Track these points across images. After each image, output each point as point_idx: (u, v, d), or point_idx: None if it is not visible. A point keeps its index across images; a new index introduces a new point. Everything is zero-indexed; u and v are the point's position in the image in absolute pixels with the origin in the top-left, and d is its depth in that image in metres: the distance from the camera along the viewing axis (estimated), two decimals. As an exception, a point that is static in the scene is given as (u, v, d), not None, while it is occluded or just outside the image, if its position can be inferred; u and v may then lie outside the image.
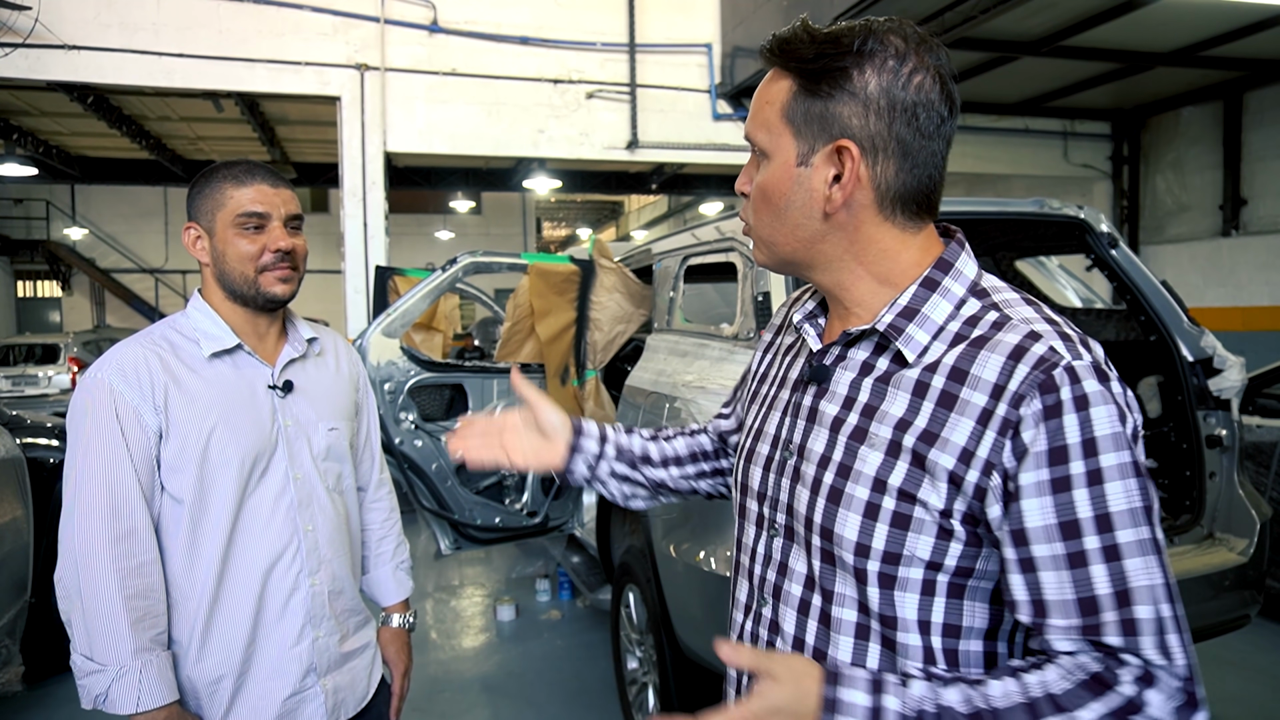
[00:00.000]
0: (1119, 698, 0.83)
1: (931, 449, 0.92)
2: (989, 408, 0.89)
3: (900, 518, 0.93)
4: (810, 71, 0.95)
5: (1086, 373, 0.88)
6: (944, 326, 0.97)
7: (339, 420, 1.68)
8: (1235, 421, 2.93)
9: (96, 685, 1.38)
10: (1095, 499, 0.86)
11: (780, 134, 0.98)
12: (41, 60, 7.56)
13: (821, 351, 1.06)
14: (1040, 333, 0.91)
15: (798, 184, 0.98)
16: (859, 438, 0.98)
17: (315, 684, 1.58)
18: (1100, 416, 0.87)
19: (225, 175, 1.53)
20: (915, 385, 0.96)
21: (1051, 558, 0.87)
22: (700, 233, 3.39)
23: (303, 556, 1.57)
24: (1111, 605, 0.85)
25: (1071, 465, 0.86)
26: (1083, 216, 3.04)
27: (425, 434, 3.96)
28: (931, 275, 0.99)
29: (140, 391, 1.46)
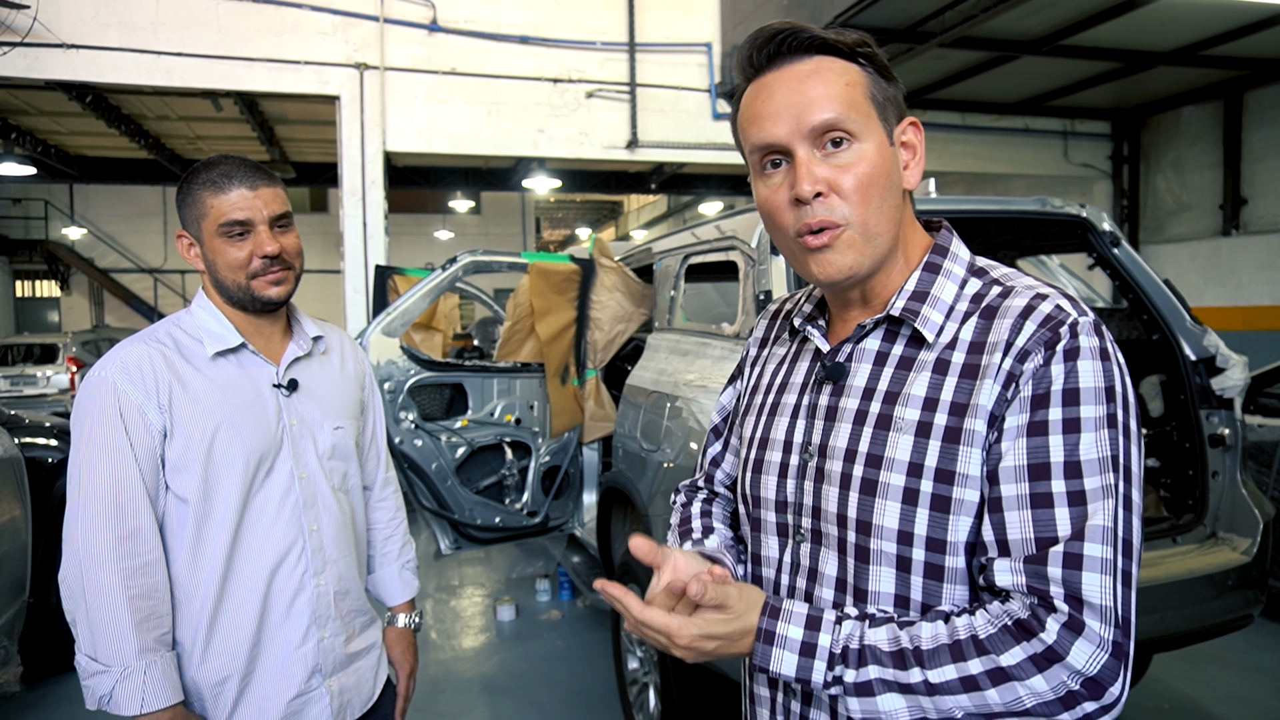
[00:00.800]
0: (1040, 644, 0.85)
1: (965, 419, 0.92)
2: (999, 364, 0.92)
3: (940, 500, 0.93)
4: (876, 59, 0.99)
5: (1087, 329, 0.91)
6: (953, 306, 0.99)
7: (344, 419, 1.67)
8: (1238, 420, 2.93)
9: (101, 686, 1.37)
10: (1069, 446, 0.88)
11: (869, 115, 0.97)
12: (40, 59, 7.54)
13: (833, 350, 1.05)
14: (1046, 294, 0.95)
15: (892, 163, 0.98)
16: (885, 425, 0.97)
17: (320, 685, 1.57)
18: (1087, 369, 0.89)
19: (204, 182, 1.49)
20: (936, 364, 0.96)
21: (1017, 497, 0.89)
22: (701, 231, 3.38)
23: (308, 556, 1.56)
24: (1060, 543, 0.87)
25: (1050, 411, 0.89)
26: (1085, 215, 3.04)
27: (425, 433, 3.95)
28: (931, 260, 1.02)
29: (144, 390, 1.44)
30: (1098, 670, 0.84)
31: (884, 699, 0.89)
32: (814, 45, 0.97)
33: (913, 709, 0.89)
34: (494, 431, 4.14)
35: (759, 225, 2.82)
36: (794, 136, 0.96)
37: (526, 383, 4.22)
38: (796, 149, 0.96)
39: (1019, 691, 0.85)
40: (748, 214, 3.02)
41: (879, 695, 0.89)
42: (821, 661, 0.91)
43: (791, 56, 0.98)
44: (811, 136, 0.95)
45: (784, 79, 0.97)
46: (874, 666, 0.89)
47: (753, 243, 2.85)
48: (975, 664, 0.86)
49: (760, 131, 0.99)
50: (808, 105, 0.95)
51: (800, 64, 0.97)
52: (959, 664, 0.87)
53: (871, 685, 0.89)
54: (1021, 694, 0.85)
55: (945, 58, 8.26)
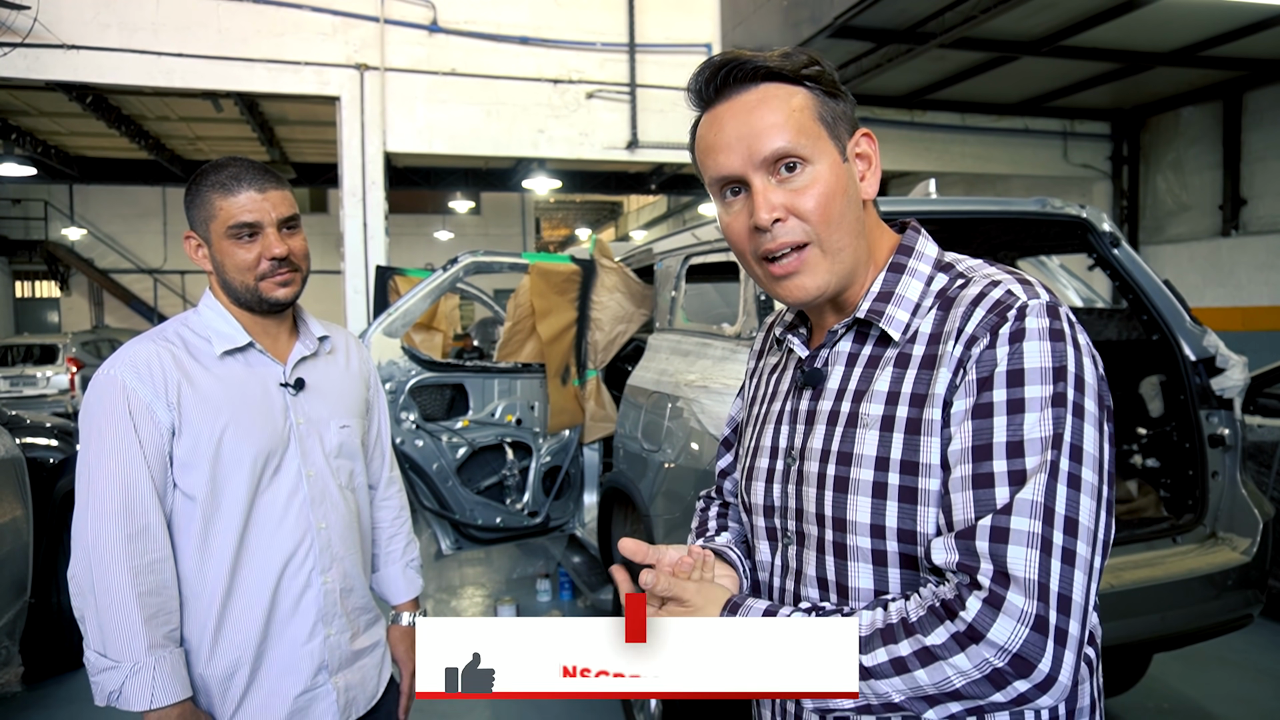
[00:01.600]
0: (961, 623, 0.85)
1: (924, 409, 0.95)
2: (950, 352, 0.94)
3: (907, 491, 0.95)
4: (820, 78, 1.00)
5: (1035, 310, 0.92)
6: (920, 303, 1.01)
7: (351, 417, 1.69)
8: (1238, 421, 2.94)
9: (110, 682, 1.37)
10: (1012, 426, 0.89)
11: (818, 136, 0.99)
12: (40, 60, 7.54)
13: (811, 355, 1.08)
14: (999, 280, 0.96)
15: (846, 178, 1.00)
16: (853, 423, 1.00)
17: (327, 682, 1.58)
18: (1033, 350, 0.90)
19: (213, 184, 1.51)
20: (898, 358, 0.99)
21: (961, 479, 0.90)
22: (701, 232, 3.39)
23: (315, 554, 1.57)
24: (989, 516, 0.87)
25: (994, 393, 0.90)
26: (1085, 216, 3.04)
27: (426, 434, 3.96)
28: (896, 260, 1.05)
29: (153, 388, 1.45)
30: (1020, 646, 0.83)
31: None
32: (759, 74, 0.99)
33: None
34: (495, 432, 4.14)
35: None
36: (747, 167, 0.98)
37: (527, 383, 4.23)
38: (752, 179, 0.98)
39: (946, 671, 0.85)
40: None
41: None
42: None
43: (738, 87, 1.00)
44: (764, 165, 0.97)
45: (733, 110, 0.99)
46: None
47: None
48: (904, 645, 0.87)
49: (715, 164, 1.01)
50: (757, 135, 0.97)
51: (747, 94, 0.99)
52: (888, 646, 0.88)
53: None
54: (949, 674, 0.85)
55: (945, 58, 8.27)
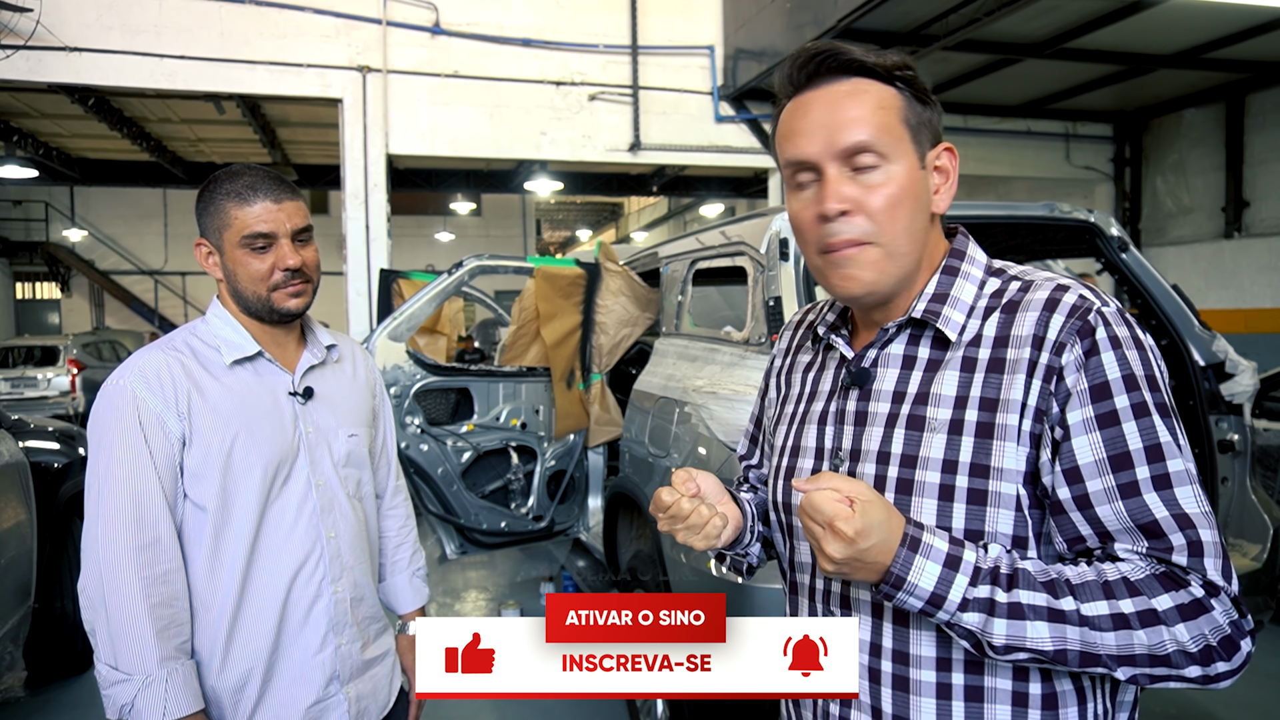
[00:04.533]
0: (1189, 596, 0.88)
1: (996, 414, 0.95)
2: (1034, 359, 0.94)
3: (976, 494, 0.95)
4: (912, 81, 1.01)
5: (1116, 318, 0.94)
6: (974, 305, 1.01)
7: (358, 426, 1.68)
8: (1247, 426, 2.93)
9: (122, 695, 1.36)
10: (1143, 430, 0.91)
11: (900, 138, 0.99)
12: (43, 62, 7.54)
13: (858, 355, 1.07)
14: (1067, 285, 0.98)
15: (920, 186, 1.00)
16: (917, 426, 0.99)
17: (339, 692, 1.57)
18: (1134, 357, 0.93)
19: (228, 193, 1.49)
20: (962, 362, 0.99)
21: (1105, 490, 0.91)
22: (707, 236, 3.38)
23: (325, 563, 1.56)
24: (1175, 528, 0.89)
25: (1115, 399, 0.91)
26: (1093, 220, 3.04)
27: (431, 438, 3.95)
28: (949, 263, 1.05)
29: (163, 398, 1.44)
30: (1231, 628, 0.87)
31: (1032, 626, 0.88)
32: (852, 67, 0.99)
33: (1056, 640, 0.88)
34: (499, 436, 4.13)
35: (768, 231, 2.82)
36: (824, 155, 0.98)
37: (532, 387, 4.22)
38: (826, 167, 0.98)
39: (1164, 635, 0.87)
40: (756, 219, 3.02)
41: (1028, 621, 0.88)
42: (964, 577, 0.89)
43: (830, 77, 1.00)
44: (841, 156, 0.98)
45: (821, 98, 0.99)
46: (1026, 591, 0.89)
47: (761, 248, 2.84)
48: (1128, 604, 0.88)
49: (794, 147, 1.01)
50: (840, 126, 0.97)
51: (838, 85, 0.99)
52: (1111, 601, 0.88)
53: (1023, 609, 0.88)
54: (1166, 639, 0.87)
55: (948, 60, 8.26)
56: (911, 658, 0.98)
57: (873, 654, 1.01)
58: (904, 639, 0.99)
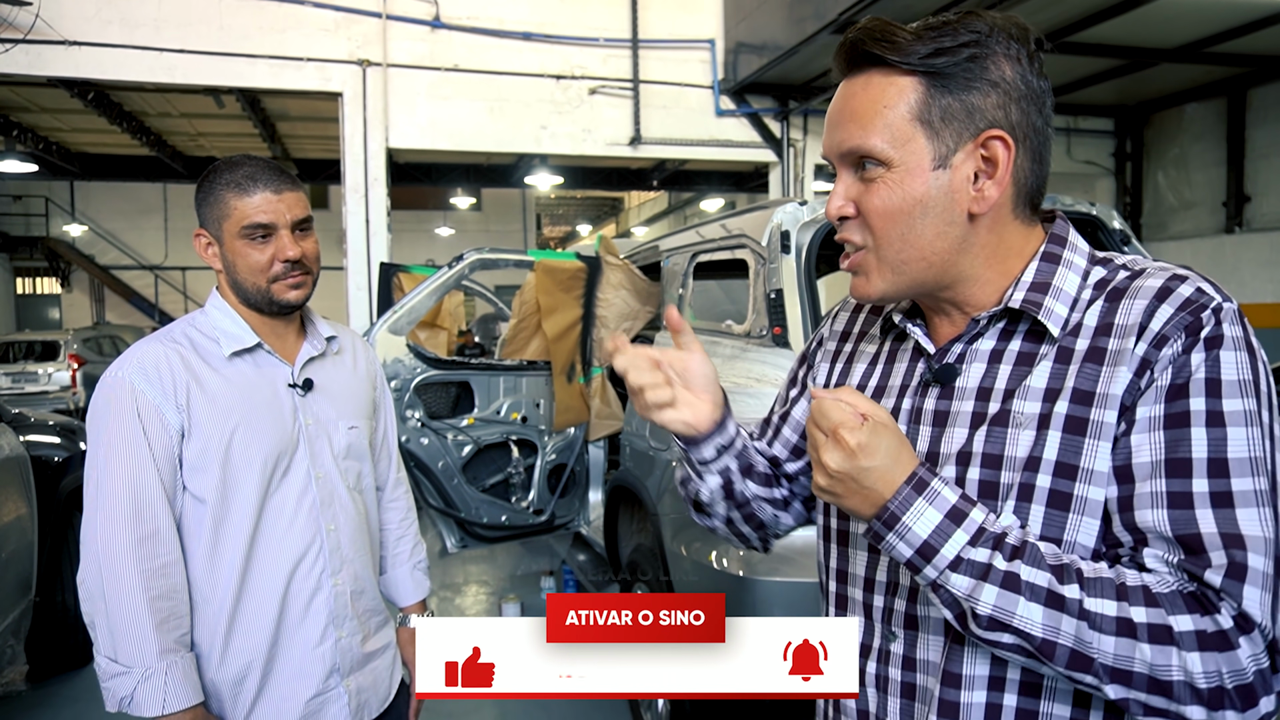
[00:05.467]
0: (1214, 625, 0.77)
1: (1091, 408, 0.85)
2: (1133, 349, 0.84)
3: (1058, 496, 0.85)
4: (940, 65, 0.87)
5: (1230, 316, 0.83)
6: (1078, 297, 0.90)
7: (358, 419, 1.67)
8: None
9: (121, 688, 1.36)
10: (1213, 440, 0.80)
11: (910, 139, 0.88)
12: (42, 56, 7.53)
13: (941, 350, 0.97)
14: (1184, 275, 0.86)
15: (935, 189, 0.89)
16: (1002, 422, 0.89)
17: (339, 685, 1.57)
18: (1229, 360, 0.82)
19: (227, 183, 1.48)
20: (1058, 353, 0.89)
21: (1151, 494, 0.81)
22: (708, 230, 3.37)
23: (325, 556, 1.55)
24: (1219, 545, 0.78)
25: (1191, 401, 0.81)
26: (1095, 213, 3.03)
27: (431, 432, 3.95)
28: (1048, 249, 0.93)
29: (162, 390, 1.44)
30: (1255, 676, 0.76)
31: (1025, 604, 0.79)
32: (867, 59, 0.90)
33: (1047, 628, 0.79)
34: (500, 430, 4.13)
35: (769, 223, 2.81)
36: (832, 155, 0.95)
37: (533, 380, 4.22)
38: (837, 166, 0.95)
39: (1173, 659, 0.76)
40: (757, 212, 3.01)
41: (1022, 596, 0.80)
42: (965, 534, 0.81)
43: (853, 69, 0.93)
44: (840, 159, 0.94)
45: (841, 93, 0.94)
46: (1028, 566, 0.80)
47: (763, 241, 2.84)
48: (1141, 612, 0.77)
49: (823, 142, 0.98)
50: (840, 127, 0.92)
51: (855, 79, 0.92)
52: (1121, 604, 0.78)
53: (1020, 582, 0.80)
54: (1174, 663, 0.76)
55: (949, 54, 8.24)
56: (965, 679, 0.90)
57: (946, 684, 0.91)
58: (983, 663, 0.90)
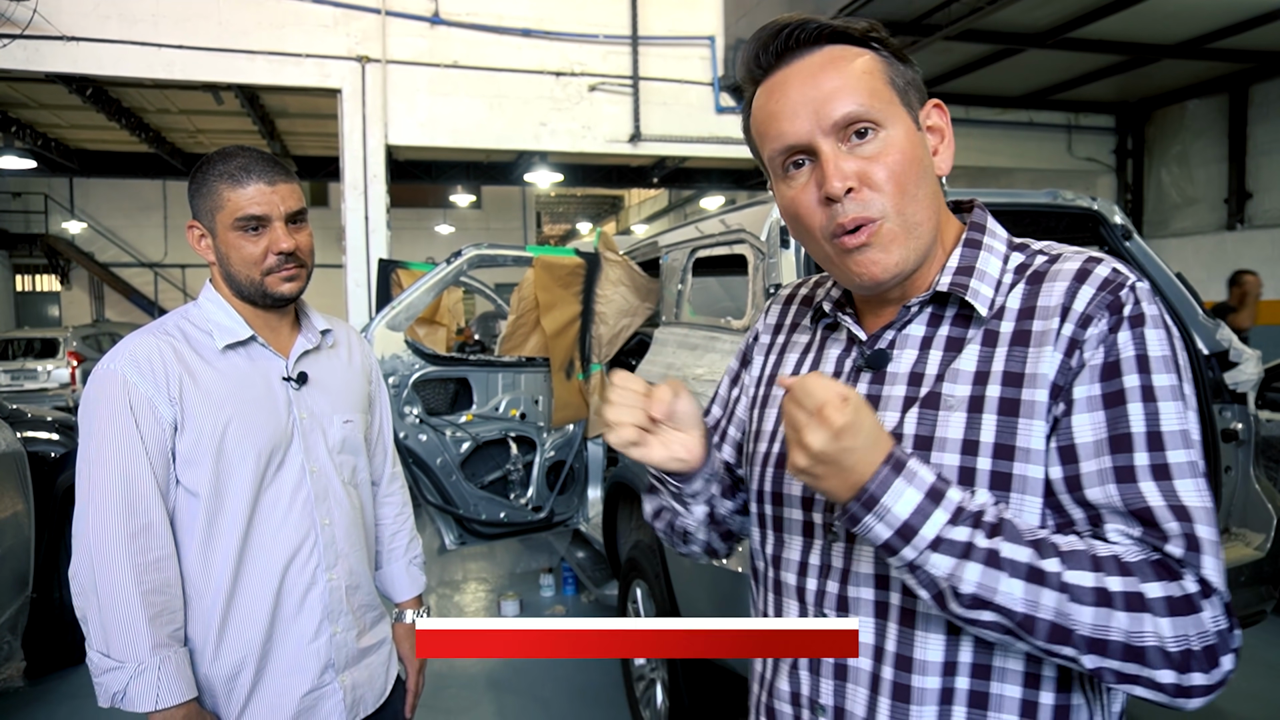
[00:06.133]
0: (1181, 590, 0.80)
1: (1023, 389, 0.88)
2: (1059, 330, 0.87)
3: (1000, 477, 0.87)
4: (888, 43, 0.94)
5: (1147, 295, 0.88)
6: (1000, 280, 0.94)
7: (353, 412, 1.66)
8: (1251, 415, 2.91)
9: (114, 683, 1.35)
10: (1149, 415, 0.84)
11: (891, 101, 0.91)
12: (40, 52, 7.51)
13: (873, 336, 0.99)
14: (1099, 258, 0.90)
15: (924, 150, 0.93)
16: (933, 404, 0.91)
17: (334, 680, 1.55)
18: (1154, 337, 0.86)
19: (220, 173, 1.47)
20: (984, 336, 0.92)
21: (1098, 472, 0.85)
22: (707, 225, 3.36)
23: (320, 551, 1.54)
24: (1171, 518, 0.82)
25: (1125, 379, 0.85)
26: (1097, 208, 3.01)
27: (430, 428, 3.94)
28: (970, 236, 0.98)
29: (154, 382, 1.42)
30: (1216, 637, 0.80)
31: (1007, 580, 0.80)
32: (824, 35, 0.92)
33: (1028, 603, 0.80)
34: (499, 426, 4.12)
35: (768, 218, 2.80)
36: (815, 133, 0.90)
37: (531, 377, 4.20)
38: (821, 145, 0.90)
39: (1146, 625, 0.79)
40: (756, 207, 3.00)
41: (1004, 573, 0.80)
42: (945, 512, 0.81)
43: (801, 50, 0.92)
44: (834, 131, 0.90)
45: (797, 74, 0.92)
46: (1008, 543, 0.81)
47: (762, 236, 2.82)
48: (1116, 581, 0.80)
49: (778, 133, 0.93)
50: (826, 98, 0.89)
51: (811, 56, 0.92)
52: (1098, 574, 0.80)
53: (1001, 560, 0.80)
54: (1147, 629, 0.79)
55: (950, 51, 8.23)
56: (915, 663, 0.90)
57: (875, 659, 0.93)
58: (909, 642, 0.91)
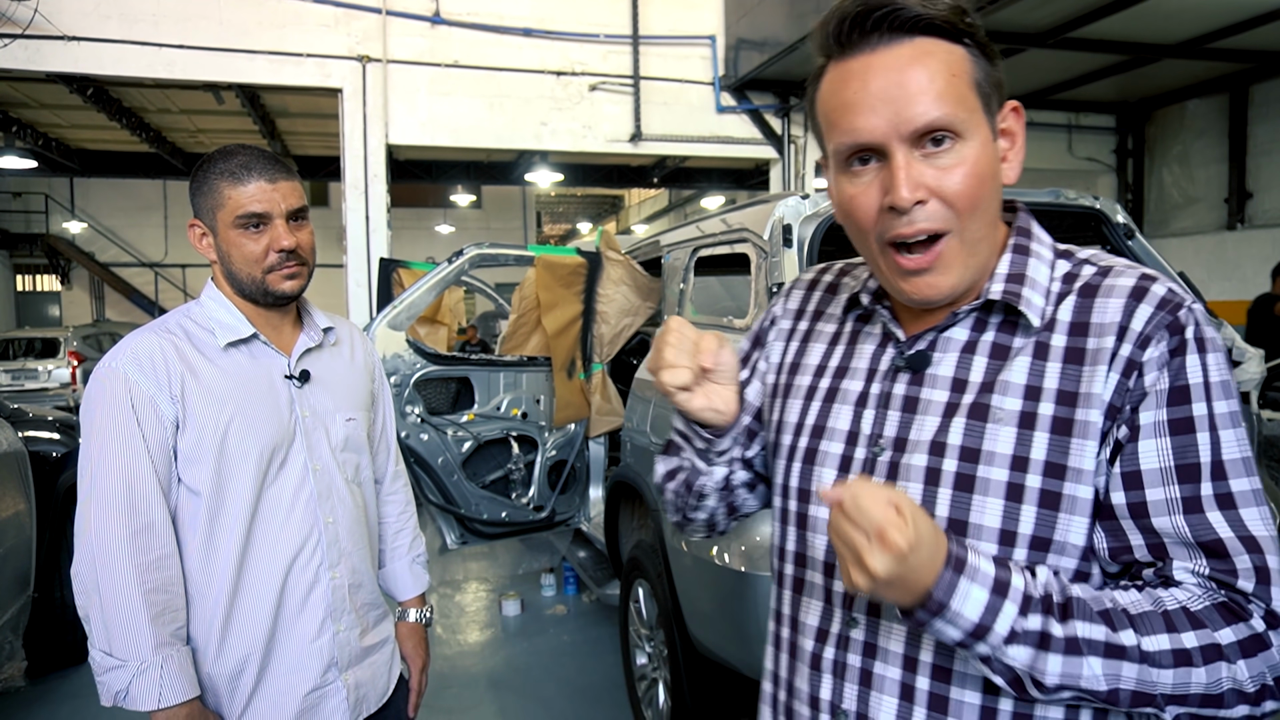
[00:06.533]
0: (1250, 630, 0.80)
1: (1076, 409, 0.85)
2: (1115, 349, 0.85)
3: (1049, 496, 0.85)
4: (980, 37, 0.88)
5: (1205, 318, 0.86)
6: (1049, 289, 0.91)
7: (356, 410, 1.65)
8: (1254, 414, 2.91)
9: (116, 682, 1.34)
10: (1214, 444, 0.83)
11: (974, 109, 0.87)
12: (41, 52, 7.51)
13: (913, 337, 0.96)
14: (1154, 275, 0.88)
15: (996, 161, 0.89)
16: (980, 415, 0.88)
17: (337, 679, 1.55)
18: (1216, 362, 0.85)
19: (221, 171, 1.47)
20: (1035, 348, 0.89)
21: (1166, 501, 0.84)
22: (709, 225, 3.36)
23: (323, 549, 1.54)
24: (1241, 550, 0.82)
25: (1194, 406, 0.84)
26: (1099, 207, 3.02)
27: (431, 427, 3.93)
28: (1018, 241, 0.94)
29: (156, 381, 1.42)
30: None
31: (1088, 662, 0.78)
32: (918, 24, 0.85)
33: (1110, 678, 0.79)
34: (500, 426, 4.12)
35: (771, 217, 2.80)
36: (891, 136, 0.85)
37: (533, 376, 4.20)
38: (894, 149, 0.85)
39: (1223, 674, 0.79)
40: (759, 206, 3.00)
41: (1085, 657, 0.78)
42: (1014, 605, 0.78)
43: (889, 36, 0.85)
44: (912, 136, 0.85)
45: (880, 65, 0.85)
46: (1082, 623, 0.79)
47: (765, 235, 2.82)
48: (1190, 637, 0.79)
49: (850, 126, 0.87)
50: (909, 100, 0.83)
51: (900, 47, 0.85)
52: (1172, 635, 0.79)
53: (1079, 643, 0.78)
54: (1224, 676, 0.79)
55: (950, 51, 8.23)
56: (955, 675, 0.88)
57: (907, 668, 0.90)
58: (948, 654, 0.88)
